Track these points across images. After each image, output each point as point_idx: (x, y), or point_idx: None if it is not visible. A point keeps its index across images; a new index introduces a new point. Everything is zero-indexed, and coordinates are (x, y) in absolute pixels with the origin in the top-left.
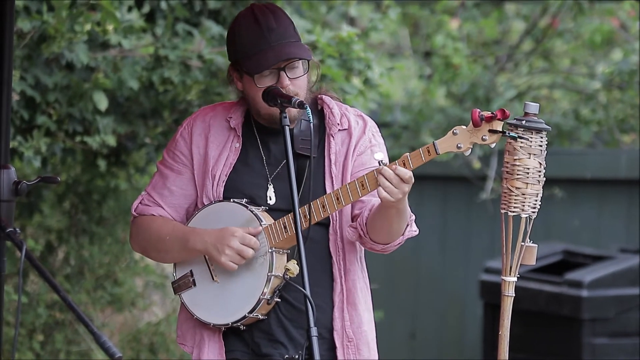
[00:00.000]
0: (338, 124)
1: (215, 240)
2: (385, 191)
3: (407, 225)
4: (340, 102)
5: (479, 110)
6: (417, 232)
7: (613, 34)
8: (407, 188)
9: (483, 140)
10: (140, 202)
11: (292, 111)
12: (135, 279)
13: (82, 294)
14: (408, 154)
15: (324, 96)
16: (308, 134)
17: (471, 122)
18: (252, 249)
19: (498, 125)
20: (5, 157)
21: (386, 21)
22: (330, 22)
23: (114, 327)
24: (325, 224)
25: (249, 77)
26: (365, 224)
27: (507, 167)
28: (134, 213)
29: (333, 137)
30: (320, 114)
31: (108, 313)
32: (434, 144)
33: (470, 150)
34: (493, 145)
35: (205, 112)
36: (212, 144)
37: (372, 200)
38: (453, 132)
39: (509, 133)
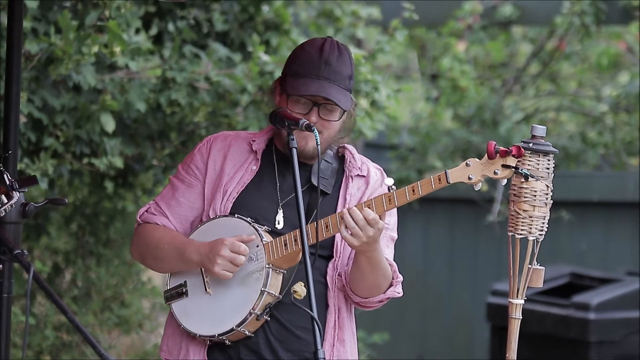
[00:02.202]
0: (358, 168)
1: (208, 251)
2: (349, 232)
3: (391, 285)
4: (362, 155)
5: (495, 143)
6: (400, 295)
7: (620, 57)
8: (371, 232)
9: (495, 174)
10: (146, 210)
11: (309, 145)
12: (143, 300)
13: (89, 315)
14: (419, 181)
15: (347, 145)
16: (326, 173)
17: (485, 155)
18: (243, 255)
19: (512, 162)
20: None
21: (393, 43)
22: None
23: (121, 349)
24: (327, 256)
25: (285, 96)
26: (348, 272)
27: (514, 190)
28: (139, 220)
29: (352, 179)
30: (341, 159)
31: (115, 335)
32: (445, 172)
33: (480, 184)
34: (504, 182)
35: (228, 134)
36: (229, 162)
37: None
38: (466, 163)
39: (521, 170)
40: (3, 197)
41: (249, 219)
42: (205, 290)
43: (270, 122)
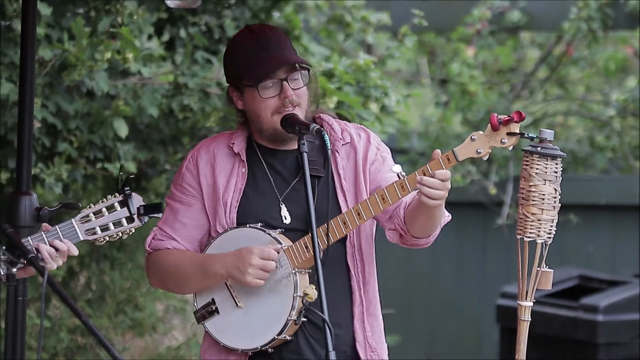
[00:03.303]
0: (340, 139)
1: (236, 262)
2: (431, 198)
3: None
4: (339, 119)
5: (496, 114)
6: (450, 218)
7: (627, 62)
8: (449, 185)
9: (502, 143)
10: (152, 238)
11: (275, 131)
12: (156, 303)
13: (103, 318)
14: (428, 164)
15: (322, 114)
16: (313, 154)
17: (489, 127)
18: (273, 260)
19: (516, 128)
20: (27, 184)
21: (402, 49)
22: (348, 50)
23: (134, 352)
24: (342, 238)
25: (251, 91)
26: (404, 223)
27: (522, 193)
28: (148, 249)
29: (338, 152)
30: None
31: (129, 337)
32: (453, 151)
33: (488, 154)
34: (511, 148)
35: (208, 143)
36: (219, 172)
37: (405, 198)
38: (471, 138)
39: (527, 134)
40: (124, 220)
41: (259, 226)
42: (236, 304)
43: (282, 127)
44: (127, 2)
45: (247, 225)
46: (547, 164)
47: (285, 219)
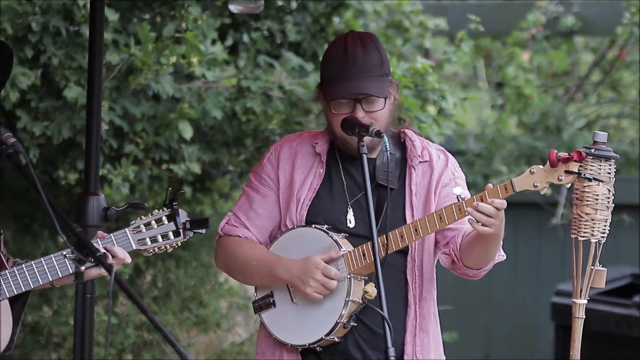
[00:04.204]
0: (419, 156)
1: (300, 272)
2: (484, 225)
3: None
4: (423, 137)
5: (556, 151)
6: (504, 257)
7: None
8: (502, 215)
9: (559, 180)
10: (226, 223)
11: (369, 139)
12: (220, 300)
13: (168, 315)
14: (486, 191)
15: (406, 130)
16: (390, 166)
17: (548, 162)
18: (335, 280)
19: (574, 167)
20: (95, 185)
21: (459, 54)
22: (406, 54)
23: (199, 348)
24: (404, 251)
25: (328, 102)
26: (459, 249)
27: (577, 194)
28: (220, 232)
29: (414, 168)
30: (402, 147)
31: (193, 334)
32: (511, 181)
33: (545, 189)
34: (568, 186)
35: (292, 139)
36: (298, 169)
37: (464, 227)
38: (530, 171)
39: (584, 175)
40: (171, 234)
41: (325, 227)
42: (292, 300)
43: (341, 129)
44: (191, 8)
45: (313, 226)
46: (600, 165)
47: (350, 222)
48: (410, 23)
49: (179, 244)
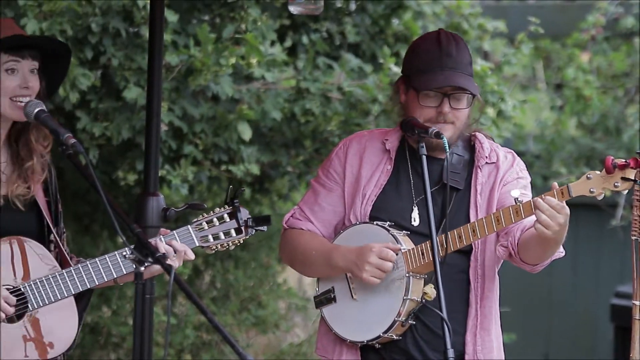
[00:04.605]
0: (486, 157)
1: (355, 258)
2: (541, 224)
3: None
4: (493, 140)
5: (612, 158)
6: (563, 254)
7: None
8: (562, 219)
9: (615, 187)
10: (291, 216)
11: (431, 140)
12: (278, 301)
13: (227, 316)
14: (544, 194)
15: (477, 133)
16: (458, 168)
17: (604, 169)
18: (390, 261)
19: (631, 174)
20: (155, 185)
21: (519, 55)
22: None
23: (258, 348)
24: (467, 250)
25: (414, 93)
26: (517, 244)
27: (637, 195)
28: (285, 225)
29: (480, 169)
30: (472, 149)
31: (252, 334)
32: (568, 187)
33: (602, 195)
34: (625, 192)
35: (363, 134)
36: (365, 165)
37: (524, 221)
38: (587, 176)
39: None
40: (233, 231)
41: (387, 225)
42: (352, 296)
43: (402, 130)
44: (251, 9)
45: (375, 223)
46: None
47: (414, 221)
48: (469, 25)
49: (241, 241)
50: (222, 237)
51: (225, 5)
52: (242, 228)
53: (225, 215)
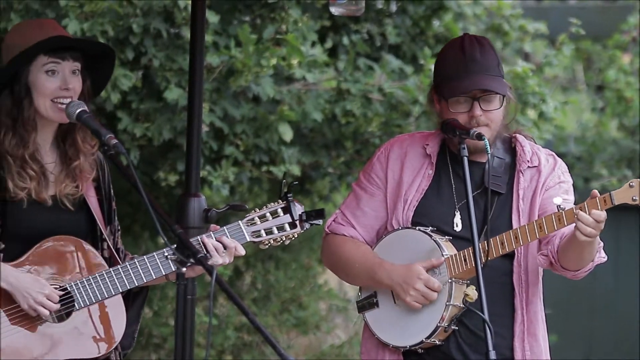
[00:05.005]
0: (528, 161)
1: (402, 280)
2: (583, 234)
3: (597, 251)
4: (534, 142)
5: None
6: (605, 259)
7: None
8: (601, 227)
9: None
10: (334, 220)
11: (472, 142)
12: (319, 302)
13: (268, 317)
14: (586, 202)
15: (517, 135)
16: (499, 171)
17: None
18: (436, 292)
19: None
20: (196, 186)
21: (560, 57)
22: (506, 57)
23: (299, 349)
24: (510, 255)
25: (444, 101)
26: (557, 251)
27: None
28: (327, 230)
29: (522, 173)
30: (512, 152)
31: (293, 335)
32: (610, 194)
33: None
34: None
35: (403, 139)
36: (407, 169)
37: (563, 228)
38: (629, 184)
39: None
40: (287, 225)
41: (429, 230)
42: (394, 302)
43: (442, 132)
44: (291, 10)
45: (417, 228)
46: None
47: (457, 226)
48: (510, 27)
49: (296, 236)
50: (276, 231)
51: (266, 6)
52: (297, 222)
53: (279, 210)
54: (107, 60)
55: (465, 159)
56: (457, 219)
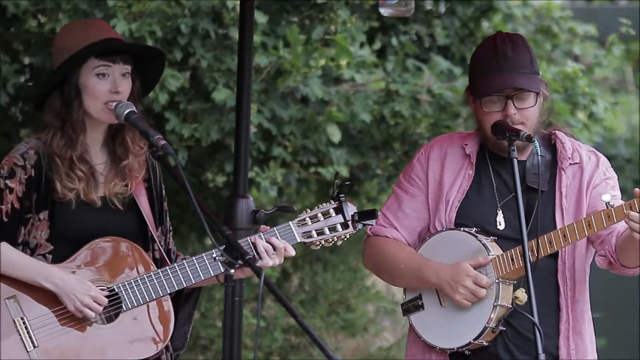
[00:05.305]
0: (569, 158)
1: (450, 278)
2: (636, 232)
3: None
4: (574, 138)
5: None
6: None
7: None
8: None
9: None
10: (375, 222)
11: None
12: (367, 304)
13: (316, 319)
14: (635, 199)
15: (557, 132)
16: (542, 169)
17: None
18: (485, 288)
19: None
20: (244, 187)
21: (610, 58)
22: (555, 58)
23: (346, 352)
24: (554, 254)
25: (478, 101)
26: (615, 251)
27: None
28: (369, 232)
29: (564, 170)
30: (552, 148)
31: (341, 338)
32: None
33: None
34: None
35: (443, 140)
36: (447, 170)
37: (618, 226)
38: None
39: None
40: (339, 226)
41: (474, 230)
42: (440, 304)
43: (492, 134)
44: (340, 11)
45: (462, 229)
46: None
47: (500, 225)
48: (559, 29)
49: (348, 236)
50: (327, 232)
51: (315, 7)
52: (349, 223)
53: (331, 210)
54: (156, 62)
55: (515, 160)
56: (500, 218)
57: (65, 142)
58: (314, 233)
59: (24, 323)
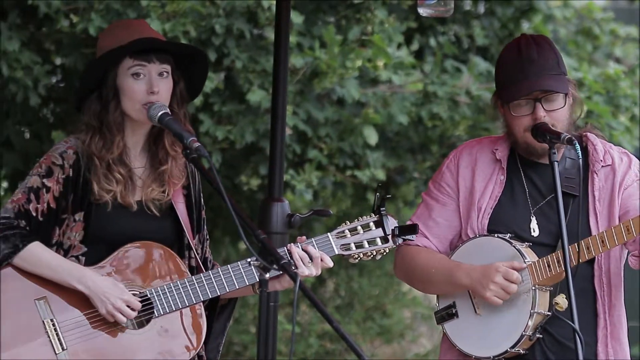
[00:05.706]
0: (601, 161)
1: (480, 276)
2: None
3: None
4: (605, 140)
5: None
6: None
7: None
8: None
9: None
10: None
11: (540, 144)
12: (404, 310)
13: (351, 324)
14: None
15: (588, 133)
16: (572, 172)
17: None
18: (516, 284)
19: None
20: (279, 191)
21: None
22: (596, 60)
23: (382, 358)
24: (590, 259)
25: (507, 106)
26: None
27: None
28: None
29: (596, 173)
30: (584, 151)
31: (377, 344)
32: None
33: None
34: None
35: (472, 145)
36: (478, 177)
37: None
38: None
39: None
40: (378, 240)
41: (507, 236)
42: (475, 311)
43: (532, 136)
44: (377, 11)
45: (495, 235)
46: None
47: (534, 231)
48: (600, 30)
49: (387, 251)
50: (366, 245)
51: (351, 7)
52: (389, 237)
53: (371, 224)
54: (199, 64)
55: (556, 164)
56: (534, 224)
57: (103, 143)
58: (352, 246)
59: (53, 325)
